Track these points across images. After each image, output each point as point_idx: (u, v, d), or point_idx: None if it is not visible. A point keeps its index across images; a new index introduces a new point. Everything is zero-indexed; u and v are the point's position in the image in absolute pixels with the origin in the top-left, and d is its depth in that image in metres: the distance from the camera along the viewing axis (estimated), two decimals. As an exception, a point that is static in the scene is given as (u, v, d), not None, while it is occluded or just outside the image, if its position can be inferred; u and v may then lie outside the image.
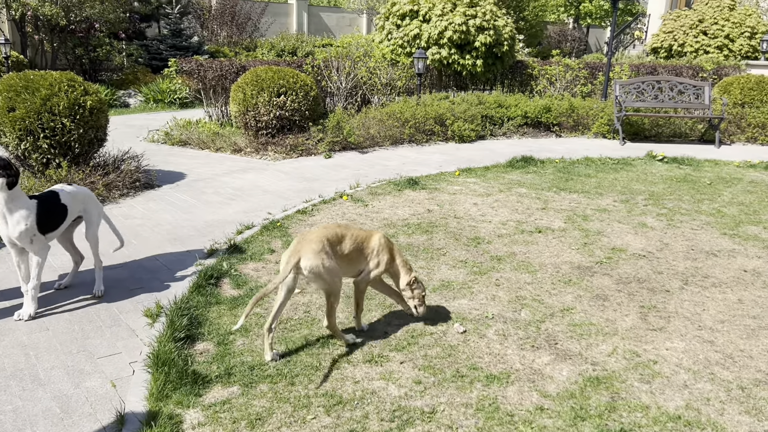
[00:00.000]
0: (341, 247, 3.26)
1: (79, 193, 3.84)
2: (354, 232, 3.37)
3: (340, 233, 3.29)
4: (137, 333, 3.44)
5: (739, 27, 15.59)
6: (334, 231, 3.27)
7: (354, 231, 3.37)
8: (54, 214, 3.61)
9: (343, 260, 3.27)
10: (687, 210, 6.17)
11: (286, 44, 17.49)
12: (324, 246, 3.14)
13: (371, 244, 3.41)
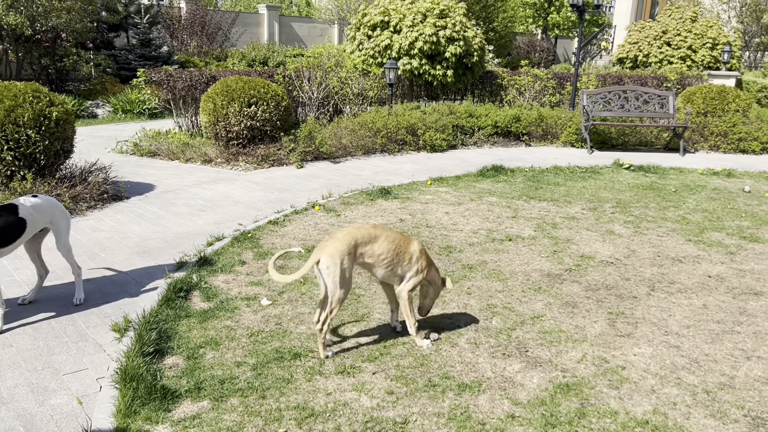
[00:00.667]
0: (373, 248, 3.27)
1: (43, 205, 3.77)
2: (391, 234, 3.36)
3: (373, 234, 3.29)
4: (105, 348, 3.37)
5: (701, 38, 16.02)
6: (367, 231, 3.28)
7: (391, 233, 3.37)
8: (8, 227, 3.52)
9: (379, 262, 3.28)
10: (653, 217, 6.29)
11: (257, 54, 17.43)
12: (349, 248, 3.16)
13: (410, 249, 3.41)
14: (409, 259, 3.38)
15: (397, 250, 3.33)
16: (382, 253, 3.28)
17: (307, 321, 3.75)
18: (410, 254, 3.39)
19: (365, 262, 3.26)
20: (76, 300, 3.85)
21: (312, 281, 4.38)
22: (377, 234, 3.30)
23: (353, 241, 3.19)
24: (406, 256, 3.37)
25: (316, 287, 4.28)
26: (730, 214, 6.47)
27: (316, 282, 4.35)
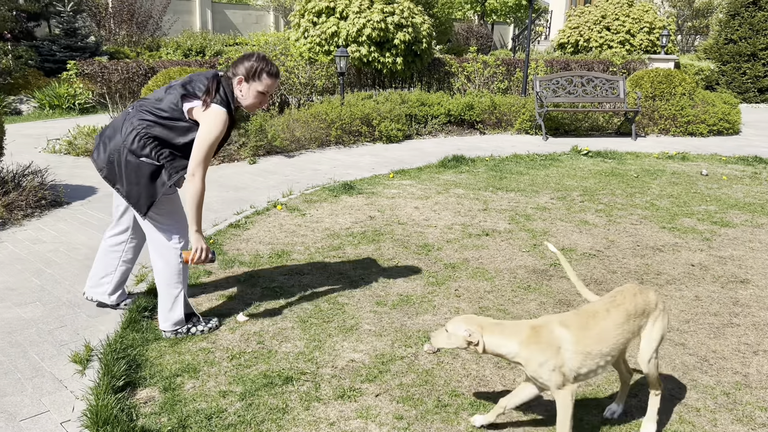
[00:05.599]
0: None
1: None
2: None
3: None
4: (66, 384, 2.95)
5: (638, 23, 16.34)
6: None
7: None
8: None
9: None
10: (622, 204, 6.24)
11: (192, 43, 16.63)
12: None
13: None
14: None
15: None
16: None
17: (291, 338, 3.42)
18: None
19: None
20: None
21: (289, 290, 4.04)
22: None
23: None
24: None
25: (294, 297, 3.94)
26: (695, 199, 6.50)
27: (287, 288, 4.02)
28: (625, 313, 2.46)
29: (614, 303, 2.49)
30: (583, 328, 2.40)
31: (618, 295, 2.53)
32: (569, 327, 2.41)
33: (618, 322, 2.43)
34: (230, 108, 3.19)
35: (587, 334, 2.39)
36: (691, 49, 20.28)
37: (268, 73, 3.21)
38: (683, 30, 19.85)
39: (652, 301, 2.55)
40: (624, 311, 2.46)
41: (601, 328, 2.41)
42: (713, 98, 11.15)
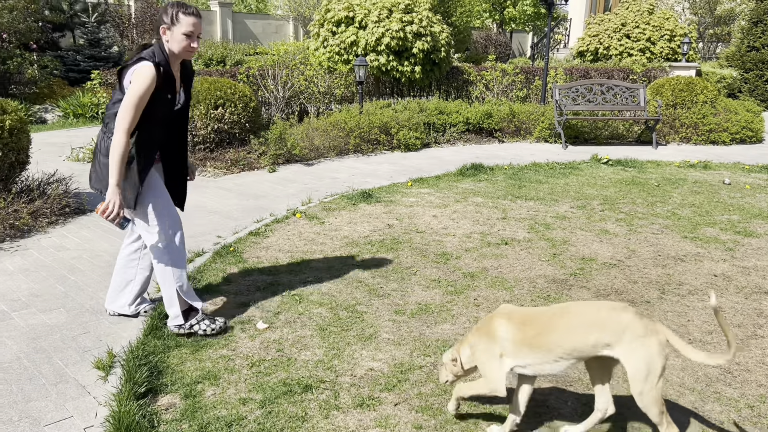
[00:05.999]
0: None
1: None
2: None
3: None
4: (89, 390, 2.99)
5: (659, 30, 16.21)
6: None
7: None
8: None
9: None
10: (643, 213, 6.18)
11: (213, 53, 16.83)
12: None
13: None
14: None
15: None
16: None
17: (310, 345, 3.44)
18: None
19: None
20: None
21: (308, 298, 4.06)
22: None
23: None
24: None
25: (313, 305, 3.96)
26: (717, 208, 6.42)
27: (306, 296, 4.04)
28: (578, 322, 2.41)
29: (567, 310, 2.48)
30: (524, 323, 2.47)
31: (582, 305, 2.49)
32: (511, 319, 2.51)
33: (565, 326, 2.41)
34: (158, 62, 3.16)
35: (526, 329, 2.45)
36: (712, 56, 20.08)
37: (184, 13, 3.21)
38: (705, 37, 19.67)
39: (622, 323, 2.36)
40: (577, 320, 2.42)
41: (543, 327, 2.43)
42: (736, 106, 11.02)
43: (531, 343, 2.44)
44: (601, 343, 2.38)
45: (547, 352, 2.43)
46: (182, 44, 3.23)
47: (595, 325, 2.38)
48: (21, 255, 4.76)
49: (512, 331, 2.48)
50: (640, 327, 2.35)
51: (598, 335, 2.37)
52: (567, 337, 2.40)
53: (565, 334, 2.40)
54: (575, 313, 2.45)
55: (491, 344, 2.51)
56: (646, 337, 2.33)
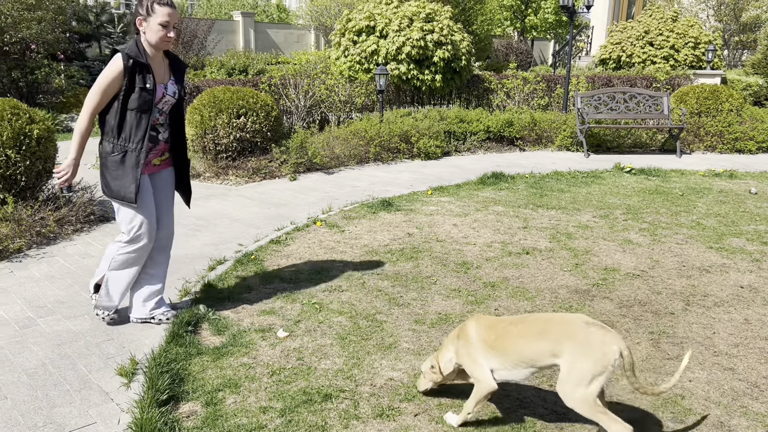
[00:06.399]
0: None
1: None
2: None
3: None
4: (112, 396, 3.02)
5: (683, 38, 16.04)
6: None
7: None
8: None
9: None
10: (667, 223, 6.10)
11: (236, 62, 17.02)
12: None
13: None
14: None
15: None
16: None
17: (330, 354, 3.44)
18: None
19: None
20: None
21: (328, 307, 4.07)
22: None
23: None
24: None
25: (333, 314, 3.96)
26: (743, 218, 6.31)
27: (326, 304, 4.05)
28: (529, 330, 2.58)
29: (525, 319, 2.65)
30: (488, 327, 2.69)
31: (539, 315, 2.66)
32: (479, 323, 2.74)
33: (517, 333, 2.59)
34: (128, 53, 3.31)
35: (489, 332, 2.67)
36: (738, 64, 19.79)
37: (159, 3, 3.32)
38: (730, 45, 19.41)
39: (566, 333, 2.49)
40: (528, 328, 2.59)
41: (501, 332, 2.64)
42: (762, 114, 10.84)
43: (492, 346, 2.65)
44: (547, 352, 2.52)
45: (504, 357, 2.61)
46: (158, 34, 3.34)
47: (541, 333, 2.54)
48: (47, 262, 4.85)
49: (480, 332, 2.70)
50: (585, 338, 2.45)
51: (544, 344, 2.52)
52: (518, 344, 2.57)
53: (516, 340, 2.58)
54: (529, 322, 2.62)
55: (468, 346, 2.72)
56: (589, 348, 2.43)
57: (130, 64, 3.30)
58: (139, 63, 3.33)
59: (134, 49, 3.34)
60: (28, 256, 4.97)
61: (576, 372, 2.44)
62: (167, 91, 3.52)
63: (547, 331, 2.53)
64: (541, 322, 2.59)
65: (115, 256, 3.64)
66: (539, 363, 2.56)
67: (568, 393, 2.47)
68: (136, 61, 3.31)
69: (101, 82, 3.32)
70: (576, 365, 2.44)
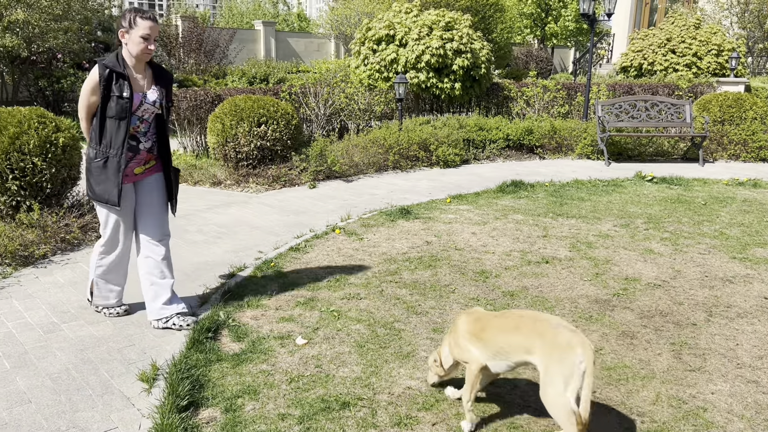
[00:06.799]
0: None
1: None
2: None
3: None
4: (133, 402, 3.06)
5: (705, 45, 15.87)
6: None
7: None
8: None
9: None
10: (689, 233, 6.03)
11: (257, 71, 17.19)
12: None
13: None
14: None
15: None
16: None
17: (348, 362, 3.45)
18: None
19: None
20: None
21: (347, 314, 4.08)
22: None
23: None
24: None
25: (351, 322, 3.98)
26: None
27: (345, 312, 4.06)
28: (507, 324, 2.75)
29: (507, 314, 2.83)
30: (476, 320, 2.87)
31: (520, 312, 2.82)
32: (469, 315, 2.93)
33: (498, 326, 2.77)
34: (106, 64, 3.51)
35: (476, 324, 2.85)
36: (762, 71, 19.52)
37: (141, 17, 3.51)
38: (754, 52, 19.15)
39: (539, 331, 2.63)
40: (507, 322, 2.76)
41: (485, 324, 2.82)
42: (787, 122, 10.67)
43: (476, 336, 2.81)
44: (519, 346, 2.67)
45: (485, 347, 2.77)
46: (140, 46, 3.53)
47: (515, 328, 2.70)
48: (71, 268, 4.93)
49: (468, 324, 2.88)
50: (553, 338, 2.57)
51: (516, 338, 2.68)
52: (497, 336, 2.74)
53: (496, 332, 2.76)
54: (507, 316, 2.81)
55: (458, 337, 2.89)
56: (557, 347, 2.54)
57: (106, 73, 3.49)
58: (116, 72, 3.51)
59: (113, 60, 3.53)
60: (53, 262, 5.06)
61: (551, 379, 2.52)
62: (146, 100, 3.66)
63: (520, 326, 2.69)
64: (517, 318, 2.76)
65: (97, 262, 3.92)
66: (513, 357, 2.70)
67: (550, 401, 2.54)
68: (112, 71, 3.50)
69: (83, 92, 3.58)
70: (550, 369, 2.54)
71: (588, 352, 2.49)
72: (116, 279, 3.98)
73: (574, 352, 2.48)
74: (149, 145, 3.78)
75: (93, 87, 3.53)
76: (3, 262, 4.91)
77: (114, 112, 3.54)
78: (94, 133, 3.62)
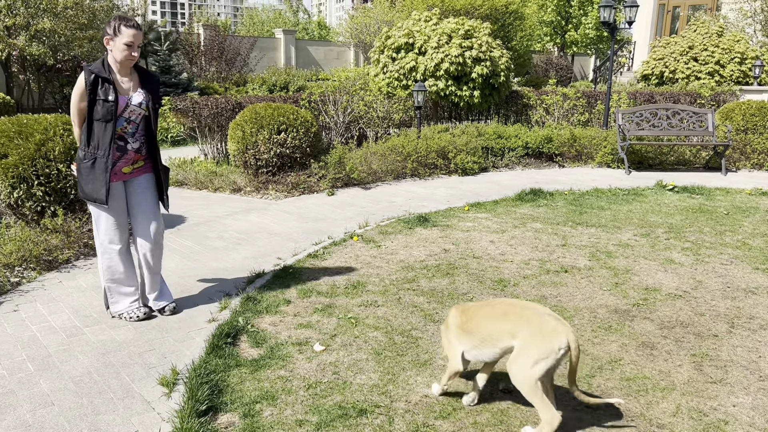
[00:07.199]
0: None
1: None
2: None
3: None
4: (153, 405, 3.10)
5: (728, 53, 15.69)
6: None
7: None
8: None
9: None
10: (711, 243, 5.96)
11: (277, 79, 17.34)
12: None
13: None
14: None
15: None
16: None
17: (365, 369, 3.46)
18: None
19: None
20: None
21: (364, 321, 4.10)
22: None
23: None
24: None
25: (369, 329, 3.99)
26: (792, 239, 6.12)
27: (362, 319, 4.07)
28: (493, 312, 2.87)
29: (492, 303, 2.95)
30: (463, 312, 2.99)
31: (504, 301, 2.95)
32: (457, 309, 3.04)
33: (484, 315, 2.89)
34: (91, 70, 3.69)
35: (463, 316, 2.97)
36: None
37: (126, 25, 3.69)
38: (778, 59, 18.86)
39: (524, 317, 2.76)
40: (493, 310, 2.88)
41: (472, 314, 2.94)
42: (813, 131, 10.50)
43: (463, 328, 2.94)
44: (506, 332, 2.79)
45: (472, 336, 2.89)
46: (123, 53, 3.73)
47: (503, 315, 2.82)
48: (93, 273, 5.01)
49: (456, 318, 3.00)
50: (539, 325, 2.70)
51: (504, 325, 2.79)
52: (483, 323, 2.87)
53: (482, 320, 2.88)
54: (494, 305, 2.93)
55: (448, 332, 3.03)
56: (540, 333, 2.68)
57: (92, 78, 3.67)
58: (101, 77, 3.69)
59: (98, 66, 3.72)
60: (76, 267, 5.14)
61: (524, 353, 2.70)
62: (131, 102, 3.84)
63: (508, 313, 2.81)
64: (505, 305, 2.88)
65: (102, 269, 4.02)
66: (500, 343, 2.82)
67: (515, 372, 2.71)
68: (98, 76, 3.68)
69: (72, 98, 3.78)
70: (525, 347, 2.71)
71: (572, 342, 2.66)
72: (126, 280, 4.08)
73: (558, 339, 2.65)
74: (137, 145, 3.95)
75: (80, 93, 3.71)
76: (28, 266, 5.00)
77: (100, 115, 3.72)
78: (83, 135, 3.80)
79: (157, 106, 4.00)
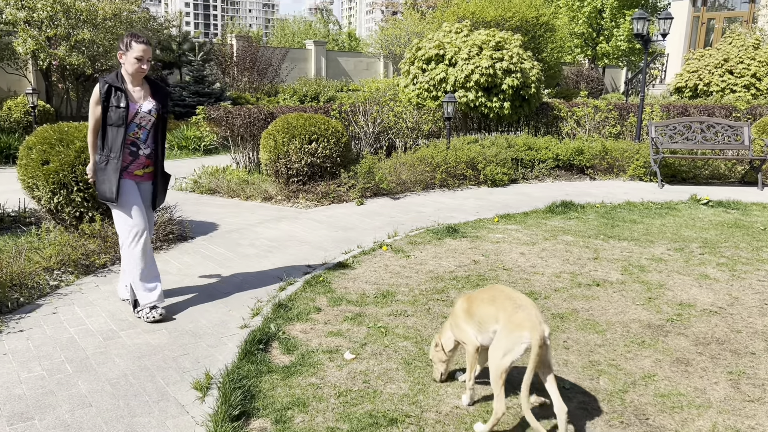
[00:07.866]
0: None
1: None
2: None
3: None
4: (187, 409, 3.15)
5: (765, 66, 15.41)
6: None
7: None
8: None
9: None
10: (747, 259, 5.84)
11: (308, 89, 17.53)
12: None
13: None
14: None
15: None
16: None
17: (395, 379, 3.47)
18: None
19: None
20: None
21: (394, 331, 4.11)
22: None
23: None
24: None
25: (398, 338, 4.00)
26: (833, 256, 5.96)
27: (392, 329, 4.08)
28: (486, 296, 3.07)
29: (490, 289, 3.12)
30: (467, 299, 3.20)
31: (498, 287, 3.11)
32: (463, 296, 3.26)
33: (480, 299, 3.10)
34: (106, 80, 4.06)
35: (467, 302, 3.18)
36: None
37: (136, 41, 4.06)
38: (817, 72, 18.45)
39: (505, 308, 2.92)
40: (486, 294, 3.09)
41: (473, 300, 3.15)
42: None
43: (468, 312, 3.15)
44: (492, 317, 2.97)
45: (473, 320, 3.10)
46: (134, 66, 4.10)
47: (491, 300, 3.02)
48: (129, 277, 5.11)
49: (462, 304, 3.22)
50: (510, 315, 2.87)
51: (491, 309, 2.98)
52: (479, 307, 3.07)
53: (479, 304, 3.08)
54: (491, 291, 3.10)
55: (456, 318, 3.22)
56: (510, 324, 2.85)
57: (105, 88, 4.04)
58: (114, 87, 4.06)
59: (112, 77, 4.10)
60: (112, 272, 5.26)
61: (498, 342, 2.89)
62: (141, 109, 4.18)
63: (495, 299, 3.02)
64: (496, 291, 3.07)
65: (127, 265, 4.25)
66: (491, 326, 2.99)
67: (489, 357, 2.92)
68: (111, 86, 4.05)
69: (90, 106, 4.15)
70: (499, 337, 2.90)
71: (534, 336, 2.76)
72: (149, 274, 4.26)
73: (521, 332, 2.80)
74: (148, 151, 4.30)
75: (95, 100, 4.08)
76: (66, 270, 5.13)
77: (113, 120, 4.07)
78: (99, 140, 4.14)
79: (166, 114, 4.35)
